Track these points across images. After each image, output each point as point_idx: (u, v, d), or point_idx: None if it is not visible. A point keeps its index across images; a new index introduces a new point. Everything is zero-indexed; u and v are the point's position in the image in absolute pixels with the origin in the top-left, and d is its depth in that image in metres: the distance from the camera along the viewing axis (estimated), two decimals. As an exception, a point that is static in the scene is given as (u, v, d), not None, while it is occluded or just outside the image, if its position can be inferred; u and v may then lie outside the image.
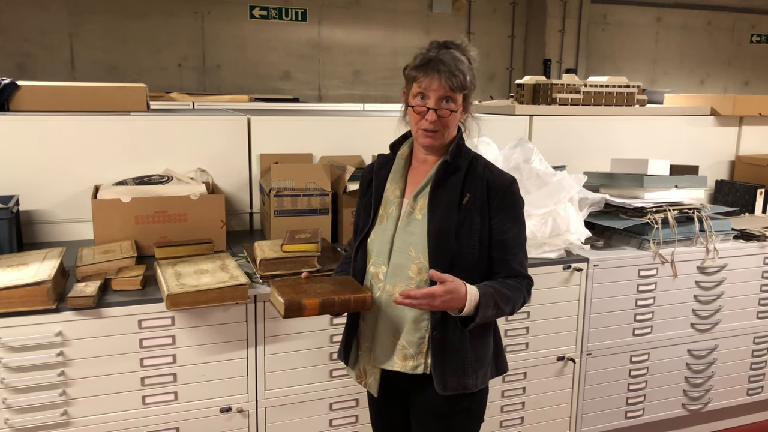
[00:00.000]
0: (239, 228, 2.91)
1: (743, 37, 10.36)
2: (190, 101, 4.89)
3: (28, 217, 2.59)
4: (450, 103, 1.66)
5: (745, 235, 2.95)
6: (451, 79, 1.63)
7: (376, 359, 1.75)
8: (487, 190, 1.70)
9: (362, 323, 1.79)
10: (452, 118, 1.67)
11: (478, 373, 1.73)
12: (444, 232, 1.67)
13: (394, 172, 1.79)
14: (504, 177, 1.74)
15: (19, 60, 7.06)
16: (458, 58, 1.66)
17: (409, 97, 1.70)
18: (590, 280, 2.62)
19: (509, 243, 1.71)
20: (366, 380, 1.80)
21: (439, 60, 1.64)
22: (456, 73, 1.63)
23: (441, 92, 1.64)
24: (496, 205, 1.69)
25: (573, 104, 3.45)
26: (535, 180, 2.65)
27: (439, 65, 1.63)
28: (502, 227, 1.70)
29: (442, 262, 1.66)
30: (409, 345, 1.70)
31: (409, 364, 1.71)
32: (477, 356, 1.73)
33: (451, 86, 1.63)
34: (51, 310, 1.92)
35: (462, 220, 1.68)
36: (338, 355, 1.88)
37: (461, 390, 1.70)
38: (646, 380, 2.84)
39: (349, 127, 3.09)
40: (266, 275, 2.16)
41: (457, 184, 1.70)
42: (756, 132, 3.80)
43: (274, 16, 7.97)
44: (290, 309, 1.58)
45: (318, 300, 1.60)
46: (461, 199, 1.69)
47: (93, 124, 2.65)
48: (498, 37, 9.10)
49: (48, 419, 1.98)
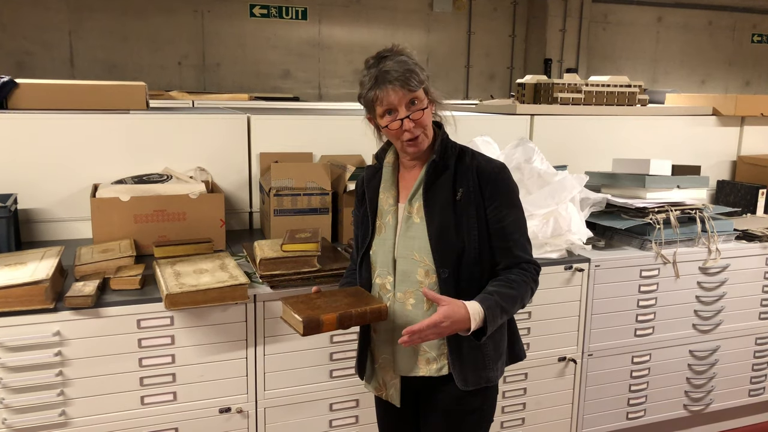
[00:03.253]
0: (239, 227, 2.90)
1: (744, 36, 10.36)
2: (190, 100, 4.87)
3: (26, 215, 2.58)
4: (417, 104, 1.64)
5: (747, 236, 2.94)
6: (407, 81, 1.61)
7: (399, 368, 1.74)
8: (478, 180, 1.68)
9: (374, 335, 1.79)
10: (426, 115, 1.66)
11: (497, 364, 1.75)
12: (444, 231, 1.66)
13: (384, 181, 1.78)
14: (493, 164, 1.72)
15: (19, 58, 7.05)
16: (399, 60, 1.64)
17: (378, 120, 1.68)
18: (592, 281, 2.60)
19: (508, 229, 1.69)
20: (387, 392, 1.79)
21: (383, 72, 1.62)
22: (406, 74, 1.61)
23: (404, 98, 1.62)
24: (489, 193, 1.68)
25: (574, 104, 3.44)
26: (536, 180, 2.64)
27: (386, 76, 1.61)
28: (499, 214, 1.68)
29: (448, 260, 1.65)
30: (429, 349, 1.71)
31: (433, 367, 1.71)
32: (495, 347, 1.73)
33: (410, 87, 1.61)
34: (49, 310, 1.91)
35: (459, 215, 1.67)
36: (355, 370, 1.88)
37: (483, 383, 1.71)
38: (647, 381, 2.83)
39: (349, 126, 3.07)
40: (266, 275, 2.14)
41: (448, 181, 1.69)
42: (758, 132, 3.79)
43: (275, 14, 7.96)
44: (309, 327, 1.55)
45: (335, 315, 1.57)
46: (455, 195, 1.68)
47: (92, 123, 2.64)
48: (499, 36, 9.10)
49: (46, 419, 1.96)
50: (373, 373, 1.83)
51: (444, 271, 1.66)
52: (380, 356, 1.78)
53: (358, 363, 1.85)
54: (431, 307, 1.66)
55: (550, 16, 8.73)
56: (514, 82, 3.61)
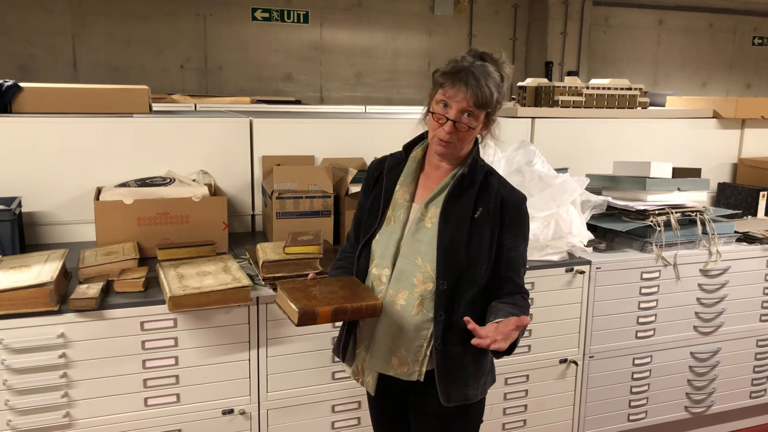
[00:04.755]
0: (241, 230, 2.91)
1: (745, 39, 10.35)
2: (192, 103, 4.88)
3: (30, 218, 2.59)
4: (470, 118, 1.62)
5: (748, 238, 2.95)
6: (477, 95, 1.58)
7: (372, 362, 1.74)
8: (501, 207, 1.69)
9: (361, 323, 1.78)
10: (469, 133, 1.64)
11: (479, 383, 1.74)
12: (454, 245, 1.65)
13: (405, 175, 1.75)
14: (517, 195, 1.73)
15: (22, 61, 7.07)
16: (490, 74, 1.61)
17: (432, 102, 1.66)
18: (593, 283, 2.61)
19: (517, 260, 1.71)
20: (363, 378, 1.79)
21: (470, 72, 1.59)
22: (483, 89, 1.58)
23: (464, 105, 1.60)
24: (509, 221, 1.69)
25: (575, 106, 3.45)
26: (537, 182, 2.65)
27: (467, 77, 1.59)
28: (512, 243, 1.70)
29: (450, 274, 1.64)
30: (406, 352, 1.69)
31: (404, 370, 1.70)
32: (478, 367, 1.74)
33: (476, 101, 1.59)
34: (53, 312, 1.92)
35: (472, 233, 1.66)
36: (333, 350, 1.86)
37: (464, 401, 1.71)
38: (648, 383, 2.83)
39: (351, 129, 3.08)
40: (269, 277, 2.16)
41: (470, 197, 1.68)
42: (758, 135, 3.80)
43: (276, 18, 7.98)
44: (304, 318, 1.56)
45: (331, 308, 1.58)
46: (474, 213, 1.67)
47: (95, 126, 2.66)
48: (500, 40, 9.09)
49: (50, 421, 1.98)
50: (354, 356, 1.81)
51: (443, 283, 1.64)
52: (361, 344, 1.77)
53: (342, 344, 1.81)
54: (420, 312, 1.66)
55: (551, 19, 8.73)
56: (515, 85, 3.62)
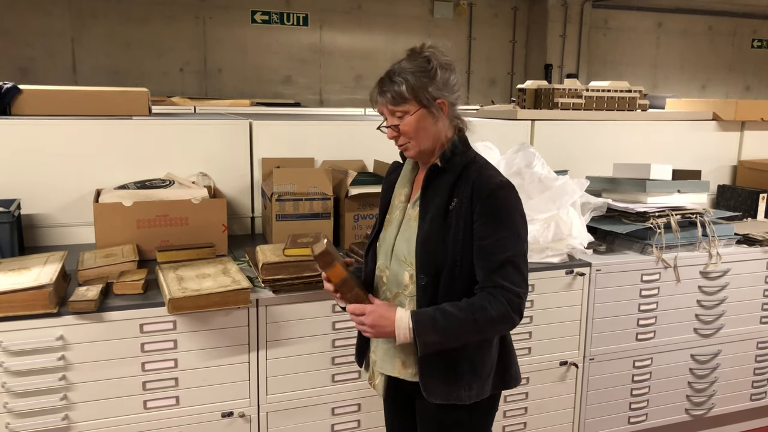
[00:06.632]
0: (241, 232, 2.91)
1: (744, 42, 10.37)
2: (192, 105, 4.89)
3: (29, 220, 2.59)
4: (402, 117, 1.61)
5: (748, 240, 2.95)
6: (388, 94, 1.60)
7: (378, 364, 1.77)
8: (471, 194, 1.61)
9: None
10: (409, 128, 1.61)
11: (473, 385, 1.67)
12: (429, 239, 1.63)
13: (401, 177, 1.79)
14: (490, 181, 1.61)
15: (22, 64, 7.08)
16: (402, 68, 1.60)
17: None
18: (593, 285, 2.61)
19: (488, 248, 1.59)
20: (375, 382, 1.82)
21: (380, 80, 1.62)
22: (392, 86, 1.59)
23: (385, 109, 1.63)
24: (479, 209, 1.59)
25: (575, 109, 3.45)
26: (537, 185, 2.65)
27: (379, 85, 1.62)
28: (482, 232, 1.59)
29: (428, 269, 1.63)
30: (406, 353, 1.69)
31: (408, 371, 1.70)
32: (473, 368, 1.66)
33: (391, 100, 1.60)
34: (52, 314, 1.91)
35: (448, 225, 1.62)
36: (355, 357, 1.91)
37: (452, 400, 1.66)
38: (649, 385, 2.83)
39: (350, 132, 3.08)
40: (268, 279, 2.15)
41: (445, 188, 1.64)
42: (758, 137, 3.80)
43: (276, 20, 7.99)
44: (323, 256, 1.59)
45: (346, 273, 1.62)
46: (449, 204, 1.64)
47: (95, 129, 2.65)
48: (499, 42, 9.11)
49: (49, 424, 1.97)
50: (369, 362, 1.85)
51: (422, 278, 1.63)
52: (372, 348, 1.81)
53: (358, 350, 1.87)
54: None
55: (551, 22, 8.75)
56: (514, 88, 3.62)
